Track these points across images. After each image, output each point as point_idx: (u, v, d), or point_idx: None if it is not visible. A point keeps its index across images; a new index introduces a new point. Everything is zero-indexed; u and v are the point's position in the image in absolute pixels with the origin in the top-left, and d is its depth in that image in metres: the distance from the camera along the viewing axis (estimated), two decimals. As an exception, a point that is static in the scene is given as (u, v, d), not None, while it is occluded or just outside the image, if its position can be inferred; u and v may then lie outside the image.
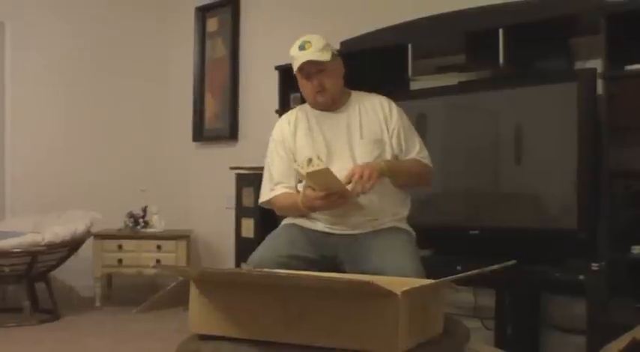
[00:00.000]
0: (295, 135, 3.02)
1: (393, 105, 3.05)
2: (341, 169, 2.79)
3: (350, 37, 4.32)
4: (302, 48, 2.91)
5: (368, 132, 2.96)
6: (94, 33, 6.37)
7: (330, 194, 2.70)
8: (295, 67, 2.94)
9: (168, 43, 6.60)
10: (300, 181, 2.96)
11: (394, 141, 2.97)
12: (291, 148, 3.01)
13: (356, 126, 2.97)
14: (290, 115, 3.11)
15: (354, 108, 3.01)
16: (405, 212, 3.01)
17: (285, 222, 3.06)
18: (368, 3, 4.84)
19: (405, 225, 2.99)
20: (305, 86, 3.00)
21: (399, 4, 4.53)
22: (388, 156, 2.94)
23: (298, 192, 2.93)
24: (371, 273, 2.55)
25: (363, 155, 2.91)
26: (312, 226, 2.94)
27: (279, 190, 3.01)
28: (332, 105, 3.01)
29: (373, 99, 3.05)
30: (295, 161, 2.92)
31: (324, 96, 2.96)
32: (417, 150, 3.01)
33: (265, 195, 3.07)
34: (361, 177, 2.68)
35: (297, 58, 2.92)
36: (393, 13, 4.35)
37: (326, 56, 2.91)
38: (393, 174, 2.86)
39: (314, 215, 2.92)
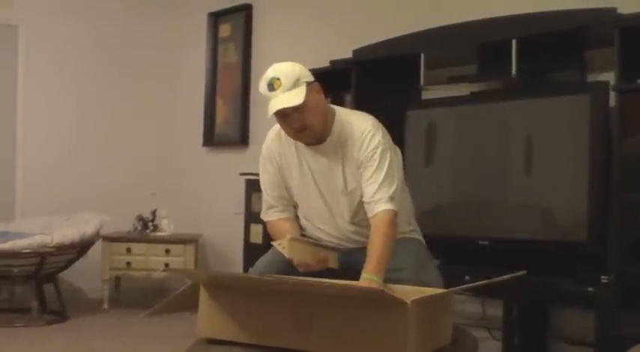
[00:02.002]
0: (283, 159, 2.85)
1: (369, 137, 2.71)
2: (326, 220, 2.84)
3: (362, 45, 4.31)
4: (271, 87, 2.61)
5: (351, 180, 2.76)
6: (107, 37, 6.40)
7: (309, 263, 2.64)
8: (268, 112, 2.64)
9: (181, 47, 6.63)
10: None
11: (361, 177, 2.73)
12: (282, 168, 2.86)
13: (339, 176, 2.77)
14: (280, 132, 2.85)
15: (337, 151, 2.75)
16: (410, 227, 2.95)
17: None
18: (381, 12, 4.84)
19: (414, 234, 2.96)
20: (283, 126, 2.72)
21: (412, 14, 4.54)
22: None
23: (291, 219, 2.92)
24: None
25: (347, 207, 2.79)
26: (320, 241, 2.89)
27: (272, 215, 2.92)
28: (316, 139, 2.75)
29: (354, 134, 2.74)
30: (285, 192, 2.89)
31: (307, 134, 2.70)
32: (375, 194, 2.66)
33: (262, 214, 2.98)
34: None
35: (268, 100, 2.63)
36: (406, 22, 4.35)
37: (299, 97, 2.60)
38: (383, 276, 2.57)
39: (316, 235, 2.91)
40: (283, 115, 2.65)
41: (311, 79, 2.70)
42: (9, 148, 6.05)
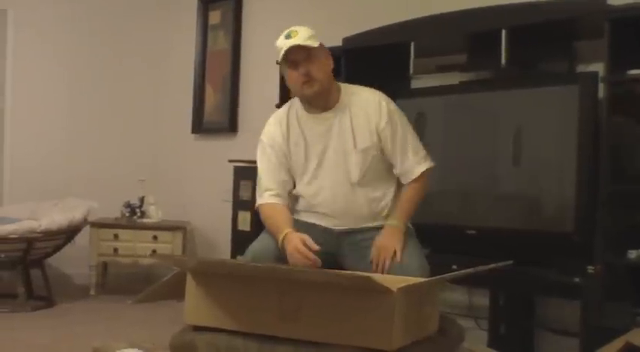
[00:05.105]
0: (288, 140, 2.91)
1: (384, 103, 2.88)
2: (334, 183, 2.85)
3: (352, 33, 4.31)
4: (288, 36, 2.81)
5: (361, 139, 2.83)
6: (97, 23, 6.36)
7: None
8: (280, 56, 2.80)
9: (170, 34, 6.59)
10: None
11: (386, 146, 2.86)
12: (284, 152, 2.91)
13: (349, 134, 2.84)
14: (281, 117, 2.96)
15: (345, 112, 2.86)
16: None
17: None
18: (371, 0, 4.83)
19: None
20: (291, 76, 2.84)
21: (403, 2, 4.53)
22: (379, 160, 2.87)
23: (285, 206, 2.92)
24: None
25: (357, 166, 2.83)
26: (316, 222, 2.91)
27: (266, 198, 2.91)
28: (322, 101, 2.86)
29: (363, 99, 2.89)
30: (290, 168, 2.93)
31: (313, 86, 2.79)
32: (410, 159, 2.89)
33: (257, 200, 2.97)
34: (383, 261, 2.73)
35: (283, 46, 2.80)
36: (396, 10, 4.34)
37: (313, 43, 2.79)
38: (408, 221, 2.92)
39: (315, 210, 2.92)
40: (293, 63, 2.80)
41: (325, 47, 2.89)
42: (-3, 133, 6.03)
